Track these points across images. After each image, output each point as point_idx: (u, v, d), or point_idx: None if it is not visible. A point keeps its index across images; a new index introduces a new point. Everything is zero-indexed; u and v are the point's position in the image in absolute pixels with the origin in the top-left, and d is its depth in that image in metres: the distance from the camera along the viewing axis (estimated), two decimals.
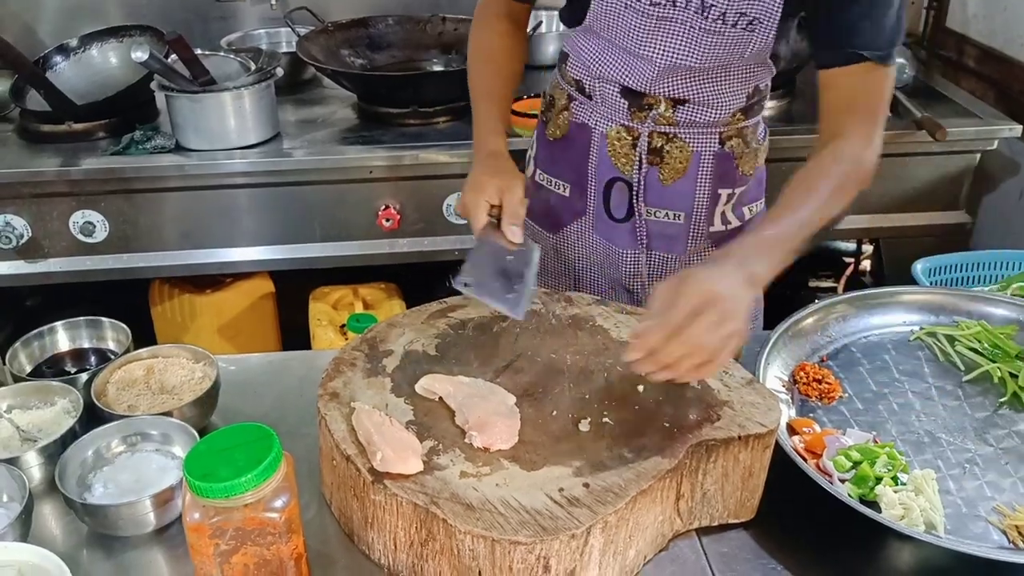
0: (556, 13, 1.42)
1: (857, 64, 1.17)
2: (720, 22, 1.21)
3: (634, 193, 1.39)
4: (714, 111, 1.33)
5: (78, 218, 2.03)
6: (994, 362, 1.23)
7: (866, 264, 2.82)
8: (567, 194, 1.47)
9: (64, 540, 1.05)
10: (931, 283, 1.60)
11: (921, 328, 1.30)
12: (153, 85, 2.03)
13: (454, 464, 0.96)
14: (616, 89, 1.34)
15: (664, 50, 1.26)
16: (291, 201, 2.10)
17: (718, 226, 1.42)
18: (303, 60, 2.23)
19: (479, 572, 0.89)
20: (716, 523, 1.04)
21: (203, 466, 0.84)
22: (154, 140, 2.05)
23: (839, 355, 1.26)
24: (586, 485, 0.92)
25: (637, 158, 1.37)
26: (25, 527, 0.99)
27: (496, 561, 0.88)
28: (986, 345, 1.25)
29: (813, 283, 2.94)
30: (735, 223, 1.44)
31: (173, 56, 1.98)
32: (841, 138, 1.18)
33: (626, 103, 1.34)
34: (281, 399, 1.27)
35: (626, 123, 1.36)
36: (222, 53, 2.20)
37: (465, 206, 1.23)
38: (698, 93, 1.31)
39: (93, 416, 1.14)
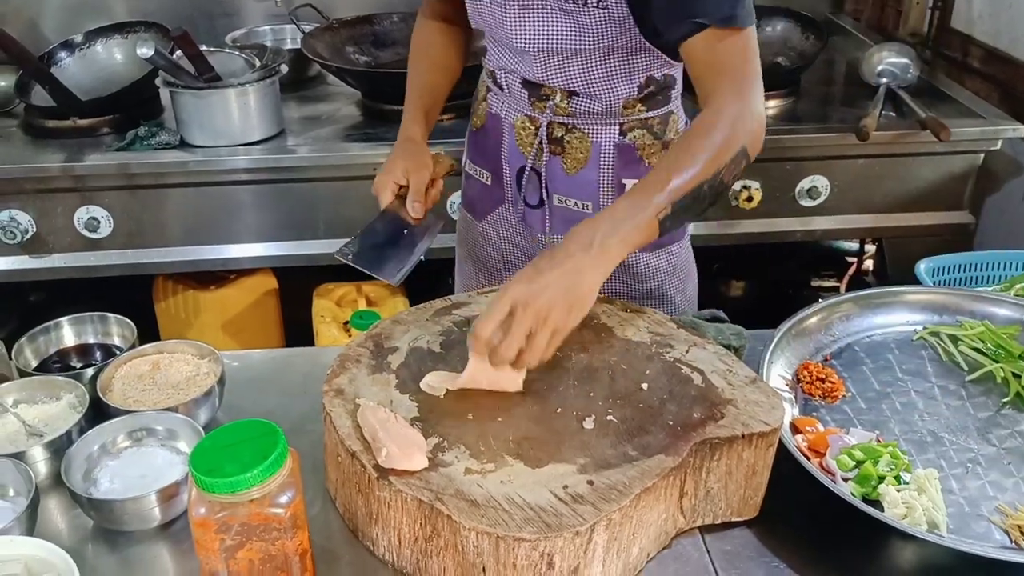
0: None
1: (702, 32, 1.17)
2: (572, 2, 1.24)
3: (542, 181, 1.45)
4: (605, 102, 1.36)
5: (82, 214, 2.03)
6: (997, 362, 1.23)
7: (869, 264, 2.82)
8: (489, 183, 1.54)
9: (69, 534, 1.05)
10: (934, 283, 1.60)
11: (924, 328, 1.30)
12: (158, 81, 2.03)
13: (459, 461, 0.96)
14: (518, 80, 1.40)
15: (532, 37, 1.30)
16: (295, 198, 2.11)
17: None
18: (308, 57, 2.23)
19: (483, 568, 0.90)
20: (719, 521, 1.04)
21: (209, 462, 0.85)
22: (158, 136, 2.05)
23: (842, 354, 1.26)
24: (590, 482, 0.93)
25: (538, 146, 1.43)
26: (31, 521, 0.99)
27: (500, 557, 0.88)
28: (989, 345, 1.25)
29: (816, 282, 2.94)
30: None
31: (178, 52, 1.99)
32: (711, 102, 1.17)
33: (527, 93, 1.40)
34: (285, 395, 1.28)
35: (529, 113, 1.42)
36: (227, 50, 2.21)
37: (375, 184, 1.37)
38: (585, 84, 1.35)
39: (99, 411, 1.14)
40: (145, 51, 1.82)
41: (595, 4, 1.24)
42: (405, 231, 1.35)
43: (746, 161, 1.16)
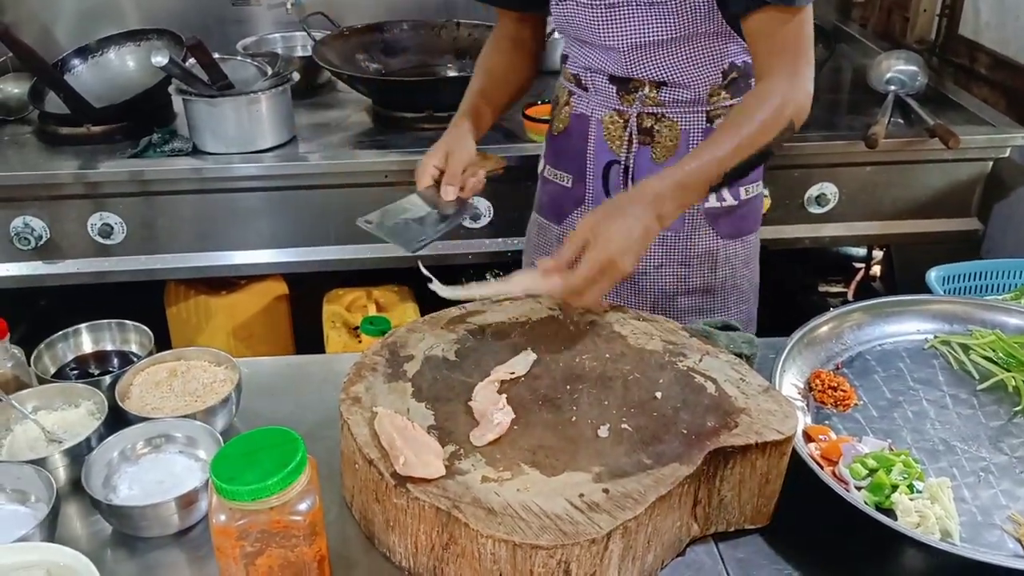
0: None
1: (763, 11, 1.25)
2: None
3: (628, 174, 1.47)
4: (693, 90, 1.42)
5: (96, 220, 2.05)
6: (1008, 371, 1.23)
7: (876, 269, 2.82)
8: (569, 185, 1.57)
9: (88, 540, 1.06)
10: (945, 291, 1.61)
11: (935, 336, 1.31)
12: (171, 89, 2.05)
13: (475, 469, 0.97)
14: (605, 77, 1.45)
15: (621, 35, 1.36)
16: (306, 204, 2.12)
17: (713, 203, 1.50)
18: (318, 64, 2.25)
19: (500, 575, 0.91)
20: (732, 529, 1.05)
21: (230, 469, 0.86)
22: (171, 143, 2.06)
23: (854, 363, 1.27)
24: (606, 491, 0.94)
25: (627, 138, 1.46)
26: (52, 527, 1.00)
27: (517, 565, 0.89)
28: (1000, 354, 1.26)
29: (823, 288, 2.94)
30: (730, 201, 1.51)
31: (191, 60, 2.00)
32: (766, 79, 1.28)
33: (614, 88, 1.45)
34: (300, 402, 1.29)
35: (617, 107, 1.46)
36: (239, 57, 2.22)
37: (417, 169, 1.39)
38: (673, 73, 1.40)
39: (117, 418, 1.15)
40: (160, 59, 1.84)
41: None
42: (433, 210, 1.35)
43: (791, 132, 1.27)
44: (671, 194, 1.20)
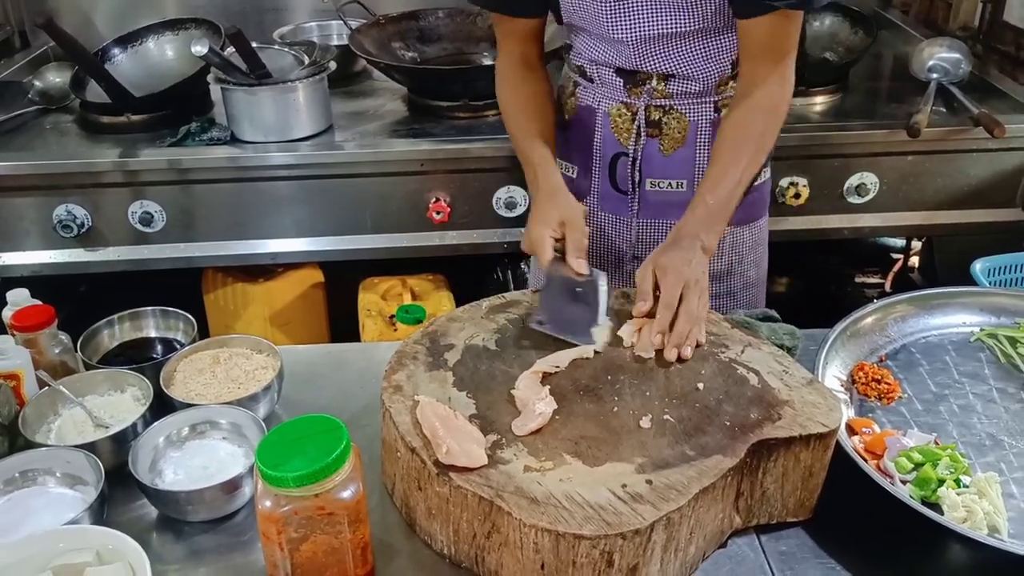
0: None
1: (772, 13, 1.24)
2: None
3: (636, 166, 1.47)
4: (701, 82, 1.40)
5: (136, 208, 2.07)
6: None
7: (914, 260, 2.78)
8: (573, 176, 1.55)
9: (134, 523, 1.07)
10: (990, 283, 1.58)
11: (982, 329, 1.29)
12: (210, 78, 2.06)
13: (517, 458, 0.97)
14: (611, 70, 1.43)
15: (629, 27, 1.34)
16: (342, 193, 2.13)
17: None
18: (355, 53, 2.25)
19: (542, 565, 0.91)
20: (775, 521, 1.04)
21: (275, 456, 0.87)
22: (210, 132, 2.08)
23: (898, 355, 1.25)
24: (649, 482, 0.93)
25: (635, 131, 1.44)
26: (101, 511, 1.02)
27: (560, 554, 0.89)
28: None
29: (860, 279, 2.90)
30: None
31: (230, 49, 2.01)
32: (759, 86, 1.29)
33: (621, 81, 1.43)
34: (340, 390, 1.29)
35: (625, 100, 1.44)
36: (276, 46, 2.23)
37: (531, 242, 1.28)
38: (681, 66, 1.38)
39: (161, 403, 1.17)
40: (200, 49, 1.85)
41: None
42: (578, 289, 1.24)
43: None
44: (707, 227, 1.26)
